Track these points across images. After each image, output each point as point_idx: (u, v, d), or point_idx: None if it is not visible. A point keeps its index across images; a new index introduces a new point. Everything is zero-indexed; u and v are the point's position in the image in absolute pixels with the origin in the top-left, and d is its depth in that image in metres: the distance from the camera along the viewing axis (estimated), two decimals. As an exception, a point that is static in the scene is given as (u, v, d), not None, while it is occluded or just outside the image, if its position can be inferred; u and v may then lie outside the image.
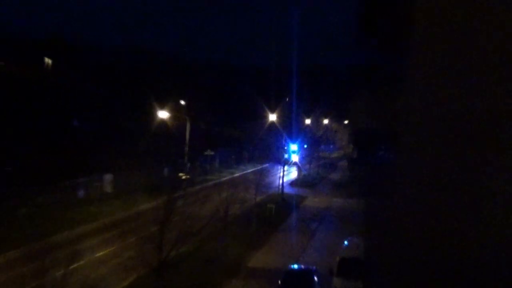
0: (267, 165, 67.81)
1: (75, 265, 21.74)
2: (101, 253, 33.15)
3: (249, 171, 76.12)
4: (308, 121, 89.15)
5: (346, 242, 32.73)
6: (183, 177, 51.85)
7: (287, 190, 62.79)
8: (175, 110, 63.21)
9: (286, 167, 64.40)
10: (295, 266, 31.64)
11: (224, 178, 70.19)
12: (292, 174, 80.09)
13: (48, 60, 66.48)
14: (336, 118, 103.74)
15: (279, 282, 28.65)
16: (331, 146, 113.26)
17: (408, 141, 7.66)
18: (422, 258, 7.48)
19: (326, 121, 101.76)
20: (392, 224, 8.12)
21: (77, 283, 22.43)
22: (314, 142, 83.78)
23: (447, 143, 7.30)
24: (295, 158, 71.68)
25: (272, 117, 72.28)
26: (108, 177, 57.03)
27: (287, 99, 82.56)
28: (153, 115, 58.28)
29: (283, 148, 68.01)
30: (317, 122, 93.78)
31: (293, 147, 70.87)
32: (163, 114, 58.07)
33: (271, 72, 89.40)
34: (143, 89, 61.31)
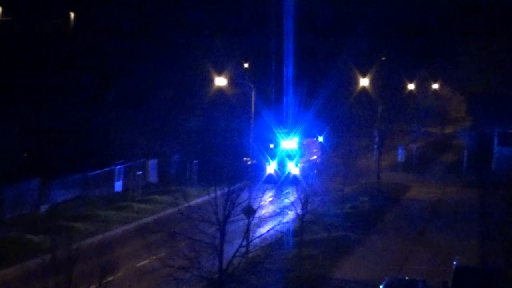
0: None
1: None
2: (144, 262, 34.03)
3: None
4: (411, 86, 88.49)
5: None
6: (249, 162, 52.70)
7: (384, 177, 62.96)
8: (235, 75, 63.38)
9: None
10: (397, 278, 31.57)
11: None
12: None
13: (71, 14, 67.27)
14: (449, 82, 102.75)
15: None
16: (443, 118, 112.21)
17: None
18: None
19: (435, 86, 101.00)
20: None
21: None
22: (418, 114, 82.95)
23: None
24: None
25: (364, 82, 71.12)
26: (153, 163, 58.26)
27: (384, 58, 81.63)
28: (207, 82, 58.70)
29: None
30: (422, 87, 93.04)
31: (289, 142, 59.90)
32: (220, 81, 56.32)
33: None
34: (193, 46, 61.83)
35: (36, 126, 51.67)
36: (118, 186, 54.35)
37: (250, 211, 32.21)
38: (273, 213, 37.28)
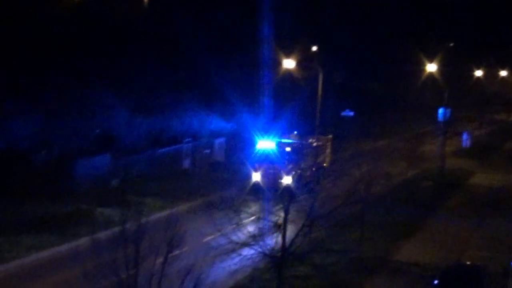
0: None
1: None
2: (210, 238, 34.39)
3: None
4: (478, 73, 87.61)
5: None
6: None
7: (448, 162, 62.04)
8: (303, 58, 63.46)
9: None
10: (457, 263, 31.62)
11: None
12: None
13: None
14: None
15: (436, 282, 28.72)
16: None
17: None
18: None
19: (503, 73, 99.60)
20: None
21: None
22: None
23: None
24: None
25: (431, 68, 70.35)
26: (220, 142, 58.74)
27: (452, 44, 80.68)
28: (275, 63, 58.99)
29: None
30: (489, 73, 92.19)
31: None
32: (289, 64, 58.41)
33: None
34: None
35: (108, 103, 52.41)
36: (186, 163, 54.98)
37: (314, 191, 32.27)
38: (336, 194, 37.26)
